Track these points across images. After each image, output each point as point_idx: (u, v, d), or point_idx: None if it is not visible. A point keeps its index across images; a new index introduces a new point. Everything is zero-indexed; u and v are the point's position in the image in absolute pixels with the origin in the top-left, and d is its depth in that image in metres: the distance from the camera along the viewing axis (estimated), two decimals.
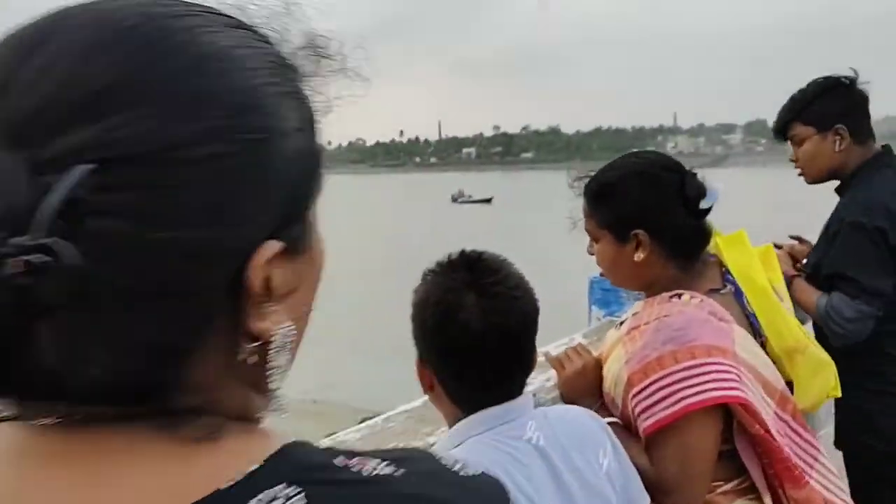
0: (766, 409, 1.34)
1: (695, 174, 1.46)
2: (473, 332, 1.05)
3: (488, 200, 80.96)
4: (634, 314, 1.43)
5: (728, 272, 1.51)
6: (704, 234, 1.48)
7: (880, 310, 1.95)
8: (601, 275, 1.59)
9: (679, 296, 1.39)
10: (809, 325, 2.06)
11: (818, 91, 2.08)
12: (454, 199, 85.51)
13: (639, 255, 1.43)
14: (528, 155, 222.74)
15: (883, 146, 2.08)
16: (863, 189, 2.02)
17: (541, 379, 1.47)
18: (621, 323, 1.47)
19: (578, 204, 1.51)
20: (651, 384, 1.28)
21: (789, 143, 2.12)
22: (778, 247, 2.10)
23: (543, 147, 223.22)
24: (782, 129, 2.12)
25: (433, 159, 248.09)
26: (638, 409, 1.30)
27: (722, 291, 1.47)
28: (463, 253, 1.13)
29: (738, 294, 1.49)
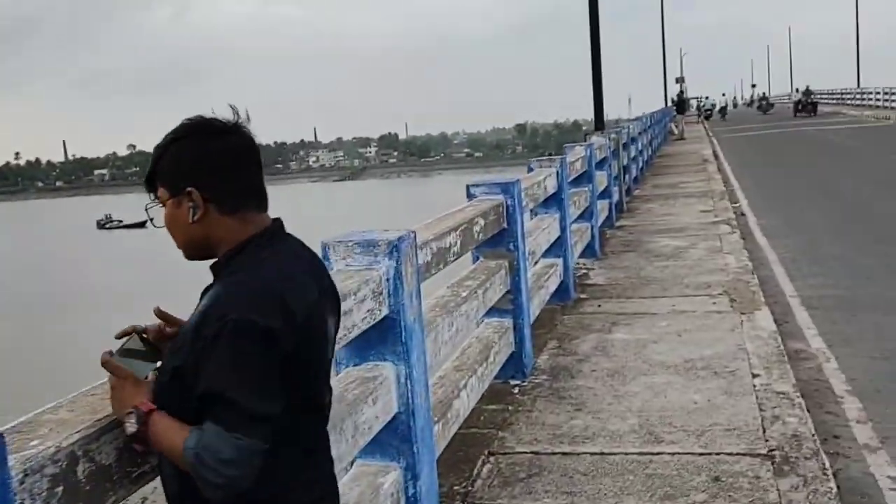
0: None
1: None
2: None
3: (142, 224, 74.96)
4: None
5: None
6: None
7: (267, 441, 1.37)
8: None
9: None
10: None
11: (172, 138, 1.50)
12: (100, 225, 77.97)
13: None
14: None
15: (275, 220, 1.56)
16: (249, 271, 1.45)
17: None
18: None
19: None
20: None
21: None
22: None
23: None
24: (150, 185, 1.54)
25: (59, 183, 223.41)
26: None
27: None
28: None
29: None
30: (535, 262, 5.37)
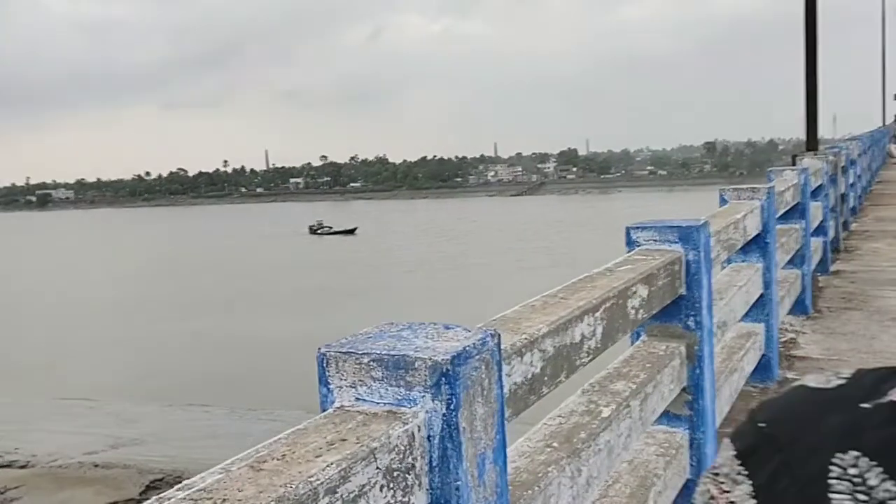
0: None
1: None
2: None
3: (352, 231, 77.60)
4: None
5: None
6: None
7: None
8: None
9: None
10: None
11: None
12: (312, 230, 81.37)
13: None
14: (357, 184, 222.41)
15: None
16: None
17: None
18: None
19: None
20: None
21: None
22: None
23: (371, 176, 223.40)
24: None
25: (259, 189, 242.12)
26: None
27: None
28: None
29: None
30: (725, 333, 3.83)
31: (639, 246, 2.90)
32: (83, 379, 24.65)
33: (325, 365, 1.40)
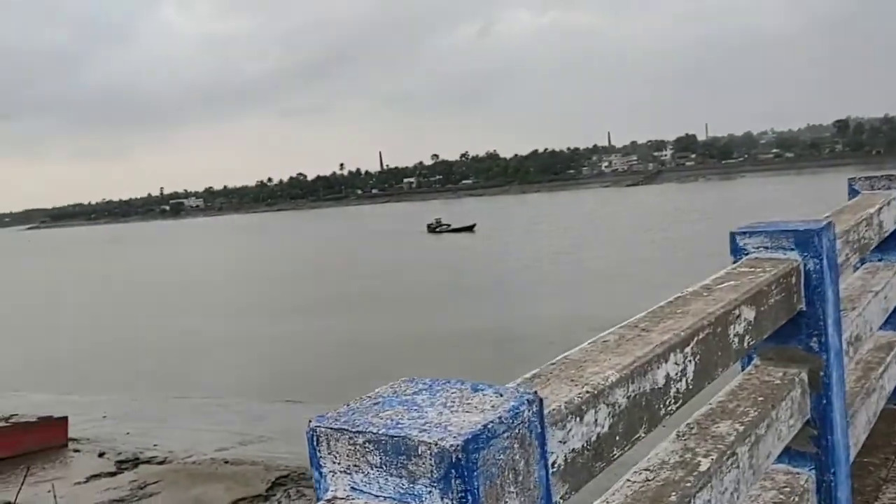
0: None
1: None
2: None
3: (470, 228, 77.55)
4: None
5: None
6: None
7: None
8: None
9: None
10: None
11: None
12: (431, 229, 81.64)
13: None
14: (468, 181, 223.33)
15: None
16: None
17: None
18: None
19: None
20: None
21: None
22: None
23: (482, 173, 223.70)
24: None
25: (374, 190, 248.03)
26: None
27: None
28: None
29: None
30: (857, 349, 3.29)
31: (746, 254, 2.46)
32: (213, 378, 25.80)
33: (315, 443, 1.11)
